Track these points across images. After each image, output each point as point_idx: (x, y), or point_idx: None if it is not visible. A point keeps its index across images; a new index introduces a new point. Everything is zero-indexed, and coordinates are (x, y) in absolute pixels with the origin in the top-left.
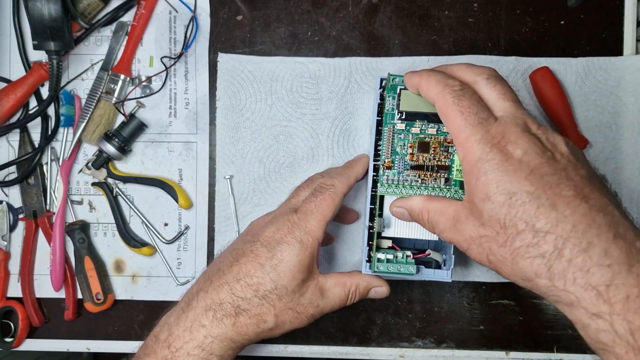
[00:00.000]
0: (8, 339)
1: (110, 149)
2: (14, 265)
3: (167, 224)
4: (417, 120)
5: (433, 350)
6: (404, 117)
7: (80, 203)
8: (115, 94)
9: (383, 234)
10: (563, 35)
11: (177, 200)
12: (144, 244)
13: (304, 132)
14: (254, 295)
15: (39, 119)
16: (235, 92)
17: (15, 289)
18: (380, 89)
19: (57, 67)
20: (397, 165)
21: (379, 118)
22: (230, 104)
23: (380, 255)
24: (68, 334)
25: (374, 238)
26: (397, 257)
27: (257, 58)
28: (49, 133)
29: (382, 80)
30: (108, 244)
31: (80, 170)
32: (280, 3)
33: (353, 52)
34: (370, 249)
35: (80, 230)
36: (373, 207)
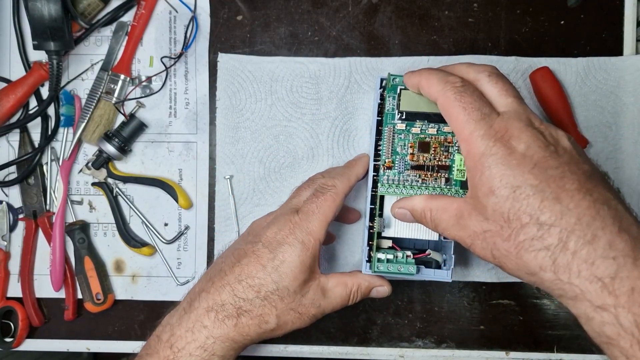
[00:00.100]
0: (8, 339)
1: (110, 149)
2: (14, 265)
3: (167, 224)
4: (417, 120)
5: (433, 350)
6: (404, 117)
7: (80, 203)
8: (115, 94)
9: (383, 234)
10: (563, 35)
11: (177, 200)
12: (144, 244)
13: (304, 132)
14: (256, 296)
15: (39, 119)
16: (235, 92)
17: (15, 289)
18: (381, 89)
19: (57, 67)
20: (397, 165)
21: (379, 118)
22: (230, 104)
23: (381, 255)
24: (68, 334)
25: (374, 238)
26: (397, 257)
27: (257, 58)
28: (49, 133)
29: (382, 80)
30: (108, 244)
31: (80, 170)
32: (280, 3)
33: (353, 52)
34: (371, 249)
35: (80, 230)
36: (373, 207)
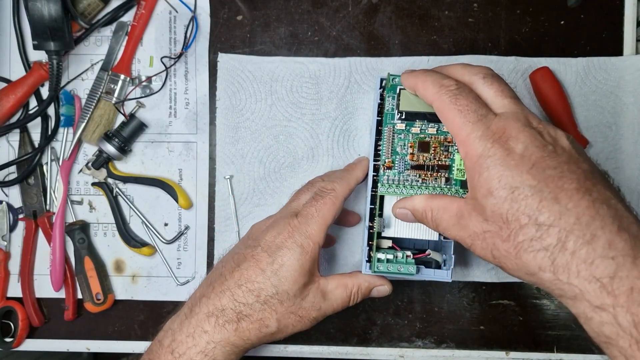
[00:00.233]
0: (8, 339)
1: (110, 149)
2: (14, 265)
3: (167, 224)
4: (417, 120)
5: (433, 351)
6: (404, 117)
7: (80, 203)
8: (115, 94)
9: (383, 234)
10: (563, 35)
11: (177, 200)
12: (144, 244)
13: (304, 132)
14: (256, 301)
15: (39, 119)
16: (235, 92)
17: (15, 289)
18: (380, 89)
19: (57, 67)
20: (397, 165)
21: (379, 118)
22: (230, 104)
23: (380, 255)
24: (68, 334)
25: (374, 238)
26: (397, 257)
27: (257, 58)
28: (49, 133)
29: (382, 80)
30: (108, 244)
31: (80, 170)
32: (280, 3)
33: (353, 52)
34: (370, 249)
35: (80, 230)
36: (373, 207)
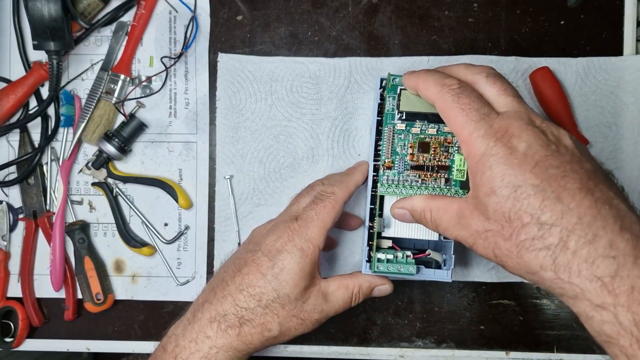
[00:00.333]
0: (8, 339)
1: (110, 149)
2: (14, 265)
3: (167, 224)
4: (417, 121)
5: (433, 350)
6: (404, 117)
7: (80, 203)
8: (115, 94)
9: (383, 234)
10: (563, 35)
11: (177, 200)
12: (144, 244)
13: (304, 132)
14: (257, 305)
15: (39, 119)
16: (235, 92)
17: (15, 289)
18: (381, 89)
19: (57, 67)
20: (397, 166)
21: (379, 118)
22: (230, 104)
23: (381, 256)
24: (68, 334)
25: (374, 238)
26: (397, 257)
27: (257, 58)
28: (49, 133)
29: (382, 80)
30: (108, 244)
31: (80, 170)
32: (280, 3)
33: (353, 52)
34: (371, 249)
35: (80, 230)
36: (373, 207)
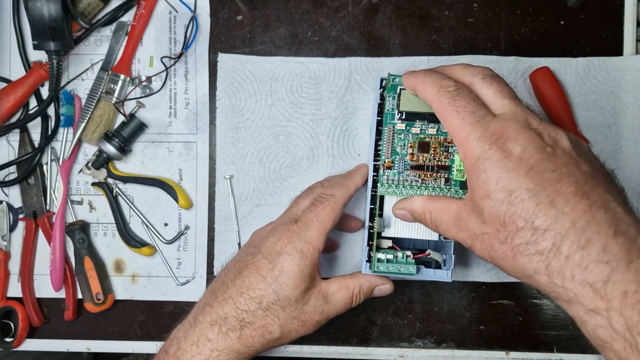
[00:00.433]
0: (8, 339)
1: (110, 149)
2: (14, 265)
3: (167, 224)
4: (417, 120)
5: (433, 351)
6: (404, 117)
7: (80, 203)
8: (115, 94)
9: (383, 234)
10: (563, 35)
11: (177, 200)
12: (144, 244)
13: (304, 132)
14: (258, 308)
15: (39, 119)
16: (235, 92)
17: (15, 289)
18: (381, 89)
19: (57, 67)
20: (397, 165)
21: (379, 118)
22: (230, 104)
23: (381, 255)
24: (68, 334)
25: (374, 238)
26: (397, 257)
27: (257, 58)
28: (49, 133)
29: (382, 80)
30: (108, 244)
31: (80, 170)
32: (280, 3)
33: (353, 52)
34: (371, 249)
35: (80, 230)
36: (373, 207)
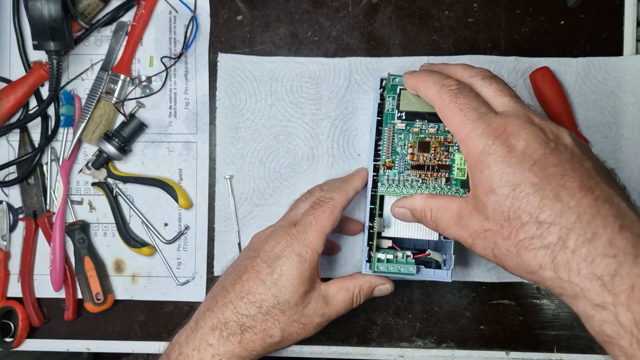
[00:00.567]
0: (8, 339)
1: (110, 149)
2: (14, 265)
3: (167, 224)
4: (417, 120)
5: (433, 350)
6: (404, 117)
7: (80, 203)
8: (115, 94)
9: (383, 234)
10: (563, 35)
11: (177, 200)
12: (144, 244)
13: (304, 132)
14: (258, 312)
15: (39, 119)
16: (235, 92)
17: (15, 289)
18: (381, 89)
19: (57, 67)
20: (397, 165)
21: (379, 118)
22: (230, 104)
23: (381, 255)
24: (68, 334)
25: (374, 238)
26: (397, 257)
27: (257, 58)
28: (49, 133)
29: (382, 80)
30: (108, 244)
31: (80, 170)
32: (280, 3)
33: (353, 52)
34: (370, 249)
35: (80, 230)
36: (373, 207)
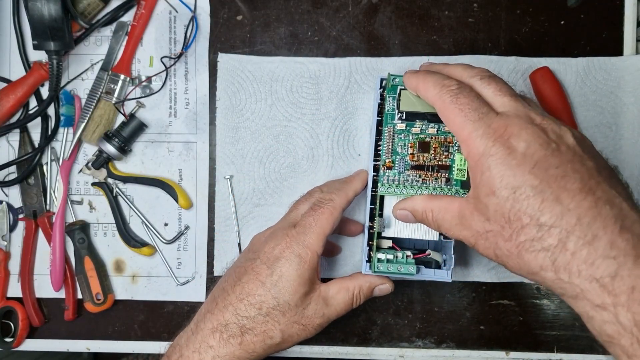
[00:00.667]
0: (8, 339)
1: (110, 149)
2: (14, 265)
3: (167, 224)
4: (417, 120)
5: (433, 351)
6: (404, 117)
7: (80, 203)
8: (115, 94)
9: (383, 234)
10: (563, 35)
11: (177, 200)
12: (144, 244)
13: (304, 132)
14: (258, 313)
15: (39, 119)
16: (235, 92)
17: (15, 289)
18: (381, 89)
19: (57, 67)
20: (397, 165)
21: (379, 118)
22: (230, 104)
23: (381, 256)
24: (68, 334)
25: (374, 238)
26: (397, 257)
27: (257, 58)
28: (49, 133)
29: (382, 80)
30: (108, 244)
31: (80, 170)
32: (280, 3)
33: (353, 52)
34: (371, 249)
35: (80, 230)
36: (373, 207)
